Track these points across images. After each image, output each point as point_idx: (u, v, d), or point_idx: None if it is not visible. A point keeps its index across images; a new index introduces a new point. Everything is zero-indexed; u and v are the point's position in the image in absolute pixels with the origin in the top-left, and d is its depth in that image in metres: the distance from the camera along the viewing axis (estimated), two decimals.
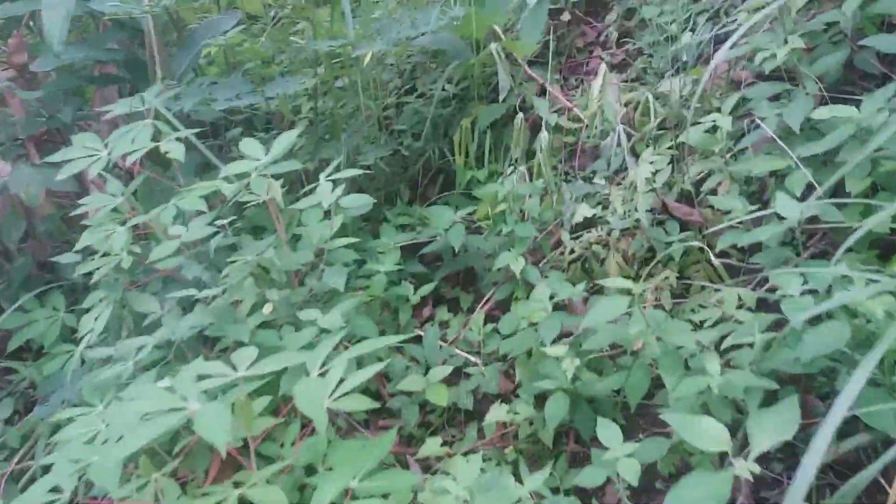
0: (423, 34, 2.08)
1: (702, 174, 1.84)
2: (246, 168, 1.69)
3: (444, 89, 2.59)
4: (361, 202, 1.76)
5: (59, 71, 2.45)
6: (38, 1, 2.16)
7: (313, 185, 1.80)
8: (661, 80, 2.25)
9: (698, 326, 1.52)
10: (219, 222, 1.78)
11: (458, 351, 1.88)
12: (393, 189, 2.48)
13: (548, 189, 2.04)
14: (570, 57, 2.67)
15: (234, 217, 1.89)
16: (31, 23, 2.57)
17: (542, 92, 2.51)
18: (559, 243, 2.00)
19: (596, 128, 2.14)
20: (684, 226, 1.81)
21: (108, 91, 2.68)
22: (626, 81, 2.43)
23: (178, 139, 1.79)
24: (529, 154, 2.33)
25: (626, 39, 2.57)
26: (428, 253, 2.14)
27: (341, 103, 2.41)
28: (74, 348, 1.93)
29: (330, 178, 1.76)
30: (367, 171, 2.36)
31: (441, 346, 1.89)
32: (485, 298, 1.99)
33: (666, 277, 1.69)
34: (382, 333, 1.91)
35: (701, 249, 1.74)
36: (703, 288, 1.71)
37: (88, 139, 2.03)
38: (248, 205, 1.87)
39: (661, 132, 2.05)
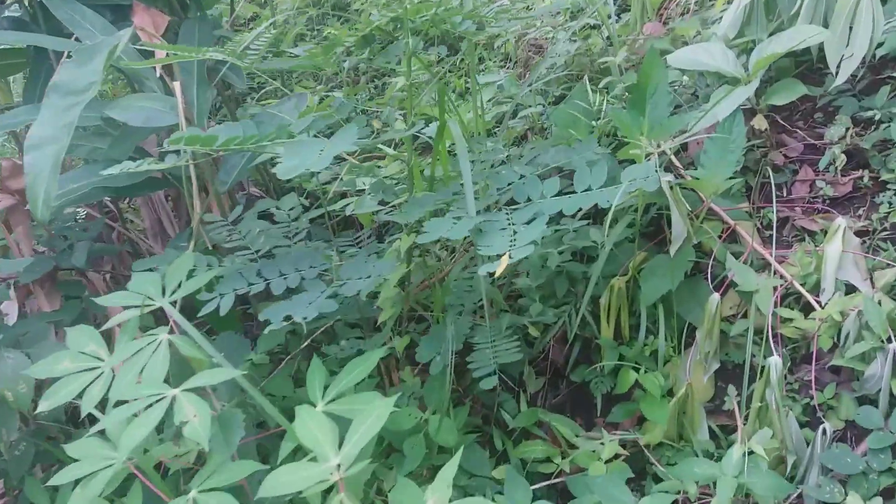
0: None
1: None
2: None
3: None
4: None
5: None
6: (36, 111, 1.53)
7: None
8: None
9: None
10: None
11: None
12: (513, 373, 1.77)
13: (781, 448, 1.30)
14: (764, 176, 1.90)
15: None
16: None
17: (730, 235, 1.77)
18: None
19: (847, 338, 1.38)
20: None
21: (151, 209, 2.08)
22: (863, 234, 1.65)
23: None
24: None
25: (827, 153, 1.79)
26: None
27: (441, 273, 1.71)
28: None
29: None
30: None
31: None
32: None
33: None
34: None
35: None
36: None
37: (85, 336, 1.39)
38: None
39: None
